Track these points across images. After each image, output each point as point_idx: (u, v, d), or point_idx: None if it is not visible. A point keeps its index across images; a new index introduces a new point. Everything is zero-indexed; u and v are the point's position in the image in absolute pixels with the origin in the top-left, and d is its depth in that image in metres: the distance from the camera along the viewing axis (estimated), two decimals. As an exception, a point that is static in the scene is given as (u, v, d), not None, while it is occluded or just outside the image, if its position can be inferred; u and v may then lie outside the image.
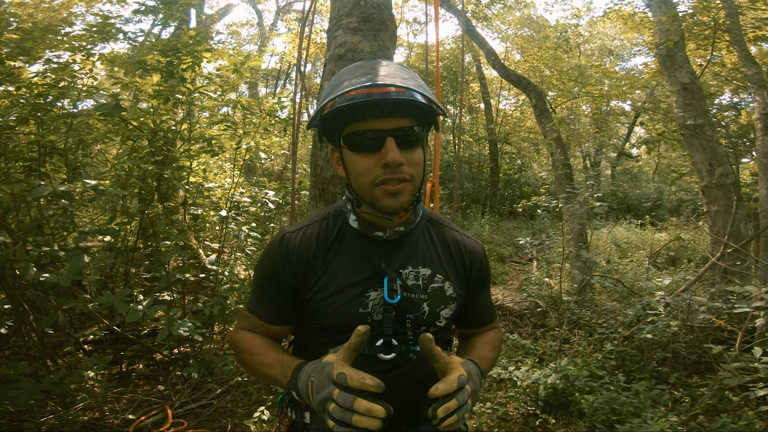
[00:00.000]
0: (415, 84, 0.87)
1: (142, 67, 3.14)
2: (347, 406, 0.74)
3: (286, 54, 12.95)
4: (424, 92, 0.86)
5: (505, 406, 2.89)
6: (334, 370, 0.77)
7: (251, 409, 2.86)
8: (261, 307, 1.01)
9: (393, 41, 2.60)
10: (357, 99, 0.83)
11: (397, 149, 0.86)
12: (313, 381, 0.80)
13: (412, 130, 0.89)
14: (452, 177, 12.76)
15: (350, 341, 0.82)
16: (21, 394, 2.23)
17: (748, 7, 5.15)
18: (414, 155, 0.89)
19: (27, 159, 3.17)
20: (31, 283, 2.46)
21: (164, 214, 3.47)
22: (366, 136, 0.87)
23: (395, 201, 0.89)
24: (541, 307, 4.87)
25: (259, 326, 1.03)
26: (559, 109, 12.89)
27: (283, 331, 1.05)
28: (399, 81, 0.85)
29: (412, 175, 0.89)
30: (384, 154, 0.86)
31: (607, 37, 15.69)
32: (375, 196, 0.90)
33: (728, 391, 2.53)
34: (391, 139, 0.86)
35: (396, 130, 0.87)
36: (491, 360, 1.07)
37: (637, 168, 19.05)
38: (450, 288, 1.01)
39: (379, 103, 0.85)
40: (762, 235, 3.97)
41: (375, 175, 0.88)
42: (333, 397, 0.75)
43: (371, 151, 0.88)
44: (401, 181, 0.88)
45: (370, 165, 0.88)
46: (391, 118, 0.87)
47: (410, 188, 0.90)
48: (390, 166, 0.86)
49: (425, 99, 0.86)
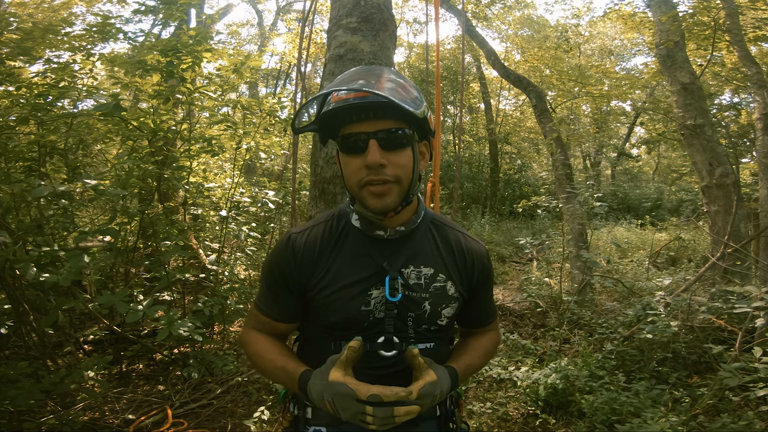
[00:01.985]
0: (392, 88, 0.88)
1: (142, 67, 3.14)
2: (388, 415, 0.84)
3: (286, 54, 12.96)
4: (400, 98, 0.86)
5: (505, 406, 2.89)
6: (357, 392, 0.84)
7: (251, 409, 2.86)
8: (268, 305, 1.05)
9: (393, 41, 2.60)
10: (338, 105, 0.89)
11: (378, 151, 0.88)
12: (331, 401, 0.86)
13: (398, 132, 0.90)
14: (452, 177, 12.76)
15: (346, 355, 0.89)
16: (21, 394, 2.23)
17: (748, 7, 5.15)
18: (399, 157, 0.91)
19: (27, 159, 3.17)
20: (31, 283, 2.46)
21: (164, 214, 3.47)
22: (354, 138, 0.90)
23: (380, 202, 0.91)
24: (541, 307, 4.87)
25: (267, 324, 1.06)
26: (559, 109, 12.89)
27: (289, 328, 1.08)
28: (377, 88, 0.87)
29: (398, 176, 0.91)
30: (366, 156, 0.89)
31: (607, 37, 15.70)
32: (362, 197, 0.93)
33: (728, 391, 2.53)
34: (374, 141, 0.89)
35: (379, 132, 0.89)
36: (477, 367, 1.10)
37: (637, 168, 19.05)
38: (452, 288, 1.02)
39: (362, 107, 0.88)
40: (762, 235, 3.97)
41: (360, 176, 0.91)
42: (368, 412, 0.84)
43: (357, 153, 0.91)
44: (385, 182, 0.90)
45: (357, 166, 0.91)
46: (376, 120, 0.89)
47: (396, 189, 0.92)
48: (371, 167, 0.88)
49: (400, 102, 0.85)
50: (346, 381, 0.86)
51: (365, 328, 0.97)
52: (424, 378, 0.89)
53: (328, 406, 0.87)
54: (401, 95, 0.88)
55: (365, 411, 0.84)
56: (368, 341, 0.97)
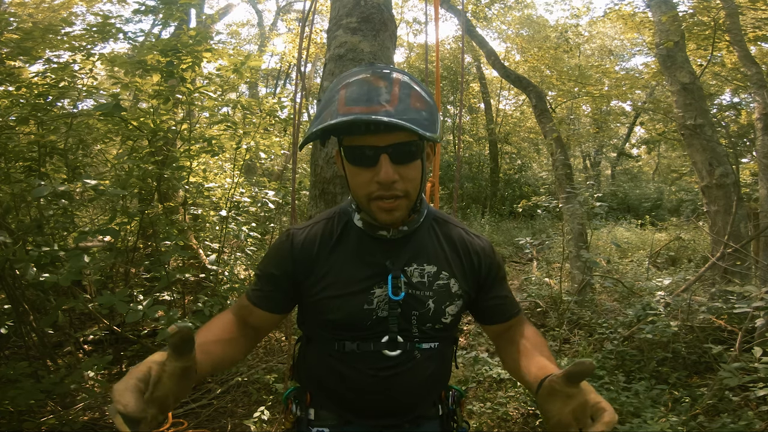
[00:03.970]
0: (407, 108, 0.82)
1: (142, 67, 3.14)
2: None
3: (286, 54, 12.95)
4: (415, 123, 0.80)
5: (505, 406, 2.89)
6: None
7: (251, 409, 2.86)
8: (253, 291, 1.03)
9: (393, 41, 2.60)
10: (348, 117, 0.80)
11: (391, 166, 0.85)
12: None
13: (410, 144, 0.86)
14: (452, 177, 12.77)
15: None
16: (21, 394, 2.23)
17: (748, 7, 5.15)
18: (410, 170, 0.88)
19: (27, 159, 3.16)
20: (31, 283, 2.46)
21: (164, 214, 3.47)
22: (362, 151, 0.86)
23: (389, 216, 0.90)
24: (541, 307, 4.87)
25: (244, 308, 1.02)
26: (559, 109, 12.89)
27: (265, 318, 1.02)
28: (392, 107, 0.81)
29: (407, 190, 0.89)
30: (378, 171, 0.85)
31: (607, 37, 15.68)
32: (371, 209, 0.91)
33: (728, 391, 2.53)
34: (386, 157, 0.85)
35: (390, 146, 0.85)
36: (549, 357, 0.96)
37: (637, 168, 19.05)
38: (455, 285, 1.01)
39: (372, 121, 0.81)
40: (762, 235, 3.96)
41: (370, 190, 0.88)
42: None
43: (367, 166, 0.87)
44: (395, 198, 0.88)
45: (366, 180, 0.88)
46: (387, 134, 0.84)
47: (405, 203, 0.90)
48: (383, 183, 0.86)
49: (421, 131, 0.80)
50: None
51: (368, 327, 0.96)
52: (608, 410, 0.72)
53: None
54: (416, 110, 0.83)
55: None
56: (372, 341, 0.96)
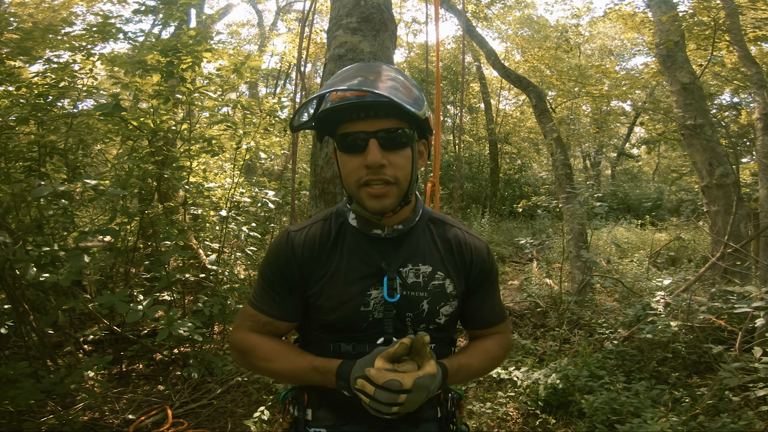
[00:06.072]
0: (394, 87, 0.87)
1: (142, 67, 3.14)
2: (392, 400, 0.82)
3: (286, 54, 12.93)
4: (402, 98, 0.85)
5: (505, 406, 2.89)
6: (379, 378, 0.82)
7: (251, 409, 2.86)
8: (269, 304, 1.01)
9: (393, 41, 2.60)
10: (336, 103, 0.87)
11: (379, 151, 0.87)
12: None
13: (399, 131, 0.89)
14: (452, 177, 12.76)
15: (395, 349, 0.85)
16: (21, 394, 2.23)
17: (748, 7, 5.15)
18: (399, 157, 0.90)
19: (27, 159, 3.16)
20: (31, 283, 2.46)
21: (164, 214, 3.47)
22: (353, 137, 0.89)
23: (379, 203, 0.91)
24: (541, 307, 4.87)
25: (268, 324, 1.01)
26: (559, 109, 12.88)
27: (290, 327, 1.05)
28: (378, 86, 0.85)
29: (397, 177, 0.90)
30: (366, 155, 0.88)
31: (607, 37, 15.69)
32: (360, 197, 0.92)
33: (728, 391, 2.53)
34: (374, 141, 0.88)
35: (379, 131, 0.88)
36: (475, 368, 1.05)
37: (637, 168, 19.04)
38: (450, 285, 1.01)
39: (362, 106, 0.87)
40: (762, 235, 3.96)
41: (359, 175, 0.90)
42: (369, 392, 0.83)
43: (357, 152, 0.90)
44: (385, 183, 0.89)
45: (356, 166, 0.90)
46: (377, 119, 0.88)
47: (395, 191, 0.91)
48: (371, 167, 0.88)
49: (402, 102, 0.84)
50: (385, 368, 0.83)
51: (364, 329, 0.97)
52: (425, 369, 0.84)
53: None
54: (402, 94, 0.87)
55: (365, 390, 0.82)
56: (367, 342, 0.96)
